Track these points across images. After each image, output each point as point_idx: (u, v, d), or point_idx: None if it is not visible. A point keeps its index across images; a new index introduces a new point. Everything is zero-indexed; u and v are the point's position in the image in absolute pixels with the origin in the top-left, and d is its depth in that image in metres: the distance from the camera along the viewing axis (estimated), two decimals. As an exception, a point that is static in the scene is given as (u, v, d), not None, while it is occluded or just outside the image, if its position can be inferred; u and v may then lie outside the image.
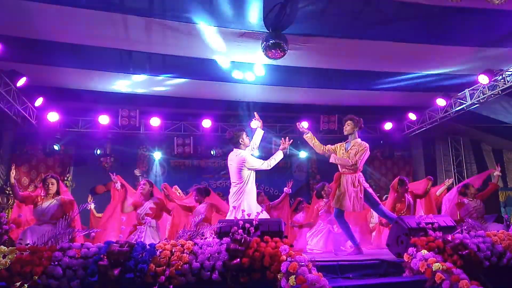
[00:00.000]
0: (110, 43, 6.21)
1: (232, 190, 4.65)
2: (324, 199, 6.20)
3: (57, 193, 5.06)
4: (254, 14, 5.47)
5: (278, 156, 4.79)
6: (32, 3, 5.03)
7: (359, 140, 5.05)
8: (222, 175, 9.63)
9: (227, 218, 4.54)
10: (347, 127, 5.09)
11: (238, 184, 4.58)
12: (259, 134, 4.99)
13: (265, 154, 7.15)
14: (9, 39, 5.83)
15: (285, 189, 6.83)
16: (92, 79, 7.44)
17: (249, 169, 4.61)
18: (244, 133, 4.79)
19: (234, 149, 4.76)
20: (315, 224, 6.22)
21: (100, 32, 5.85)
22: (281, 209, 7.03)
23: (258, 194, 5.34)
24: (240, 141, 4.72)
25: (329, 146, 5.21)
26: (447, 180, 7.36)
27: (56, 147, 8.84)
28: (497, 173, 6.25)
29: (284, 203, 7.07)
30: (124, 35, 5.93)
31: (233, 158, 4.68)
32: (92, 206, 6.87)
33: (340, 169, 5.10)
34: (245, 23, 5.67)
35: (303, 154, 10.08)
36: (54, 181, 5.07)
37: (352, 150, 4.97)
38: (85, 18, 5.41)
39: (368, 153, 4.97)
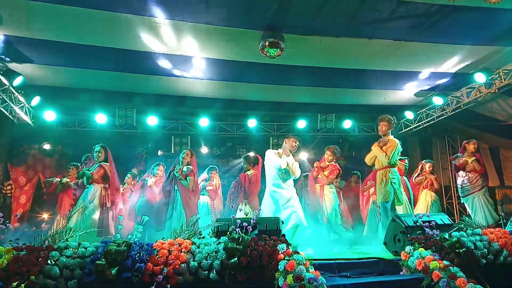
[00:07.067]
0: (108, 42, 6.17)
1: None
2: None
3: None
4: (252, 13, 5.46)
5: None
6: (30, 2, 4.99)
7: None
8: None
9: None
10: (383, 128, 5.48)
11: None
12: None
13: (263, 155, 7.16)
14: (6, 38, 5.79)
15: None
16: (89, 78, 7.41)
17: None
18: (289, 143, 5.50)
19: None
20: None
21: (98, 31, 5.82)
22: None
23: None
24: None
25: None
26: None
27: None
28: None
29: None
30: (122, 34, 5.91)
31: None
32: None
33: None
34: (243, 22, 5.66)
35: None
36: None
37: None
38: (83, 17, 5.38)
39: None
